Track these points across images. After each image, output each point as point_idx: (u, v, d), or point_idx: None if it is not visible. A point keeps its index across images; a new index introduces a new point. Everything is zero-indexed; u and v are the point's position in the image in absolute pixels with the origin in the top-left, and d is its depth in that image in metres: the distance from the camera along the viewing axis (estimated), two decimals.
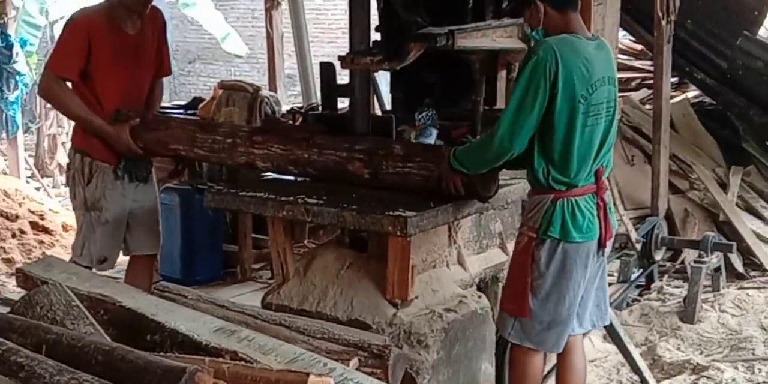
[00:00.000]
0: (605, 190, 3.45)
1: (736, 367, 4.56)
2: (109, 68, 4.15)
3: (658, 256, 6.01)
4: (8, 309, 3.12)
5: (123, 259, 4.62)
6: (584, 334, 3.84)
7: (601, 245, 3.43)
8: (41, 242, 7.02)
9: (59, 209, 7.85)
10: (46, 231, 7.19)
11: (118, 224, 4.37)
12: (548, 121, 3.25)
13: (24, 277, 3.59)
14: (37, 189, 9.41)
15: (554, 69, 3.18)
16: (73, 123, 4.80)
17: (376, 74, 4.63)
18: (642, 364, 4.49)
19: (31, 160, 10.92)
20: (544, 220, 3.35)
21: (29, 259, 6.52)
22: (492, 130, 3.31)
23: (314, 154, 3.84)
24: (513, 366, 3.63)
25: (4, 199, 7.34)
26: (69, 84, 4.24)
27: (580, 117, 3.26)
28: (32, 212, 7.38)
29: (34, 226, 7.17)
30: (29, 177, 10.04)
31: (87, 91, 4.19)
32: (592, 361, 4.61)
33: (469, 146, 3.48)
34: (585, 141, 3.30)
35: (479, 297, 3.78)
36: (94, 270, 4.18)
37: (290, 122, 4.17)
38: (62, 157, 11.58)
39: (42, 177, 10.65)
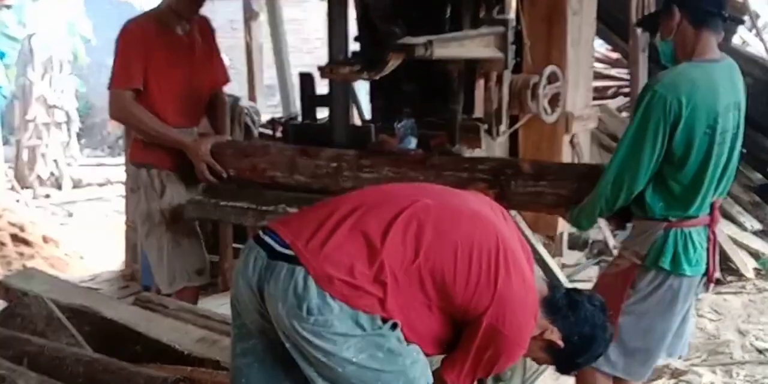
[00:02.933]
0: (718, 222, 3.15)
1: (714, 372, 4.60)
2: (164, 70, 4.00)
3: None
4: None
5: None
6: None
7: (708, 280, 3.16)
8: (21, 254, 7.00)
9: (39, 221, 7.82)
10: (26, 243, 7.17)
11: (199, 232, 4.21)
12: (670, 157, 2.96)
13: (4, 289, 3.58)
14: (17, 201, 9.38)
15: (675, 106, 2.88)
16: (52, 136, 4.71)
17: (355, 84, 4.66)
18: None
19: (11, 173, 10.88)
20: (653, 248, 3.07)
21: (9, 271, 6.49)
22: (602, 177, 3.06)
23: (431, 176, 3.58)
24: None
25: None
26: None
27: (713, 148, 2.97)
28: (12, 224, 7.36)
29: (14, 238, 7.15)
30: (9, 189, 10.01)
31: (146, 98, 4.00)
32: None
33: (583, 203, 3.19)
34: (711, 172, 3.01)
35: None
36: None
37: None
38: (41, 169, 11.56)
39: (22, 189, 10.61)
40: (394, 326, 2.21)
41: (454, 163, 3.61)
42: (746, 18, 7.43)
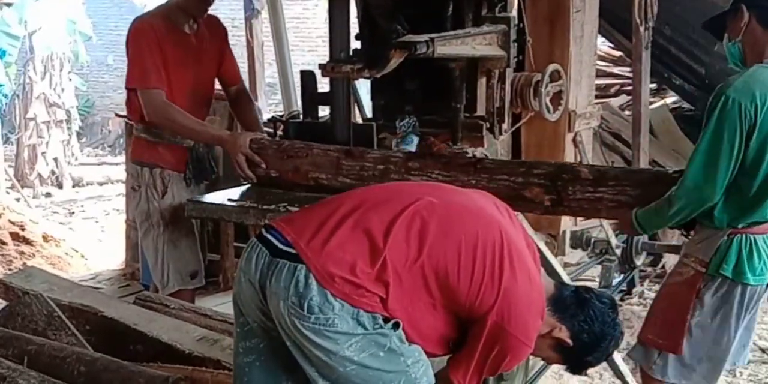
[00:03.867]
0: None
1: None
2: (173, 69, 3.97)
3: (639, 261, 6.03)
4: None
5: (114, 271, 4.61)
6: None
7: None
8: (22, 253, 6.99)
9: (39, 220, 7.82)
10: (27, 242, 7.17)
11: (197, 235, 4.19)
12: (744, 163, 2.87)
13: (5, 288, 3.57)
14: (17, 200, 9.38)
15: (750, 111, 2.81)
16: (53, 134, 4.69)
17: (356, 82, 4.64)
18: (624, 368, 4.50)
19: (11, 171, 10.88)
20: (718, 254, 2.99)
21: (10, 270, 6.49)
22: (677, 186, 2.96)
23: (483, 180, 3.47)
24: None
25: None
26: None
27: None
28: (12, 223, 7.35)
29: (14, 236, 7.15)
30: (9, 188, 10.01)
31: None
32: None
33: (651, 208, 3.07)
34: None
35: None
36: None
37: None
38: (42, 168, 11.56)
39: (22, 187, 10.61)
40: (395, 325, 2.20)
41: (507, 168, 3.49)
42: None
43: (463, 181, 3.47)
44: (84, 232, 8.96)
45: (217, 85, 4.34)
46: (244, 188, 3.94)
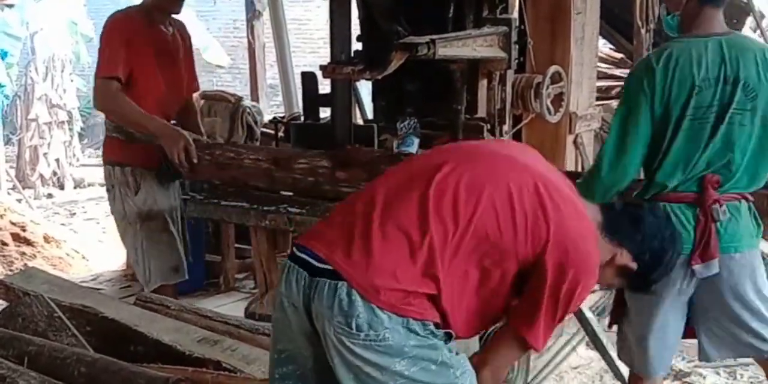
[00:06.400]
0: (715, 202, 2.98)
1: (717, 373, 4.58)
2: (150, 67, 4.03)
3: None
4: None
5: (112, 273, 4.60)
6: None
7: (692, 261, 2.99)
8: (23, 254, 6.99)
9: (41, 221, 7.82)
10: (28, 242, 7.16)
11: (176, 230, 4.20)
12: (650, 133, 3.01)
13: (5, 289, 3.58)
14: (19, 200, 9.38)
15: (650, 83, 2.94)
16: (54, 135, 4.71)
17: (357, 83, 4.64)
18: (625, 370, 4.50)
19: (13, 172, 10.89)
20: None
21: (11, 270, 6.49)
22: (595, 161, 3.09)
23: None
24: None
25: None
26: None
27: (684, 122, 2.95)
28: (14, 224, 7.35)
29: (15, 237, 7.14)
30: (10, 188, 10.01)
31: (128, 92, 4.00)
32: (575, 368, 4.62)
33: (580, 183, 3.03)
34: (684, 147, 2.97)
35: None
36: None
37: (358, 147, 3.91)
38: (43, 169, 11.56)
39: (23, 188, 10.61)
40: (446, 336, 2.15)
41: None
42: (750, 18, 7.41)
43: None
44: (85, 233, 8.95)
45: (220, 87, 4.36)
46: None
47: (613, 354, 4.46)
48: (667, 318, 3.11)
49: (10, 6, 10.00)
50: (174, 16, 4.21)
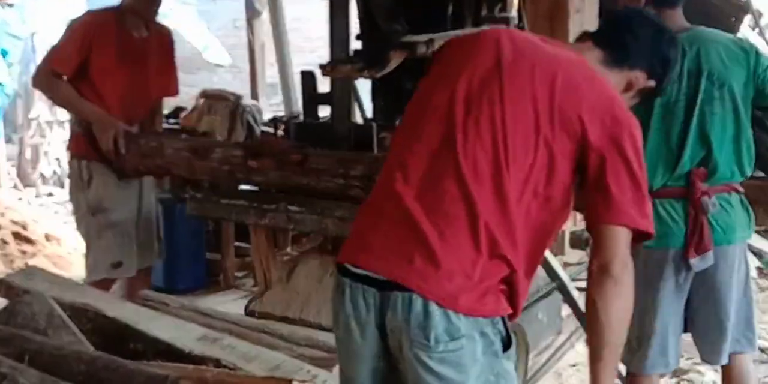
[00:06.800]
0: (704, 195, 3.02)
1: (716, 370, 4.58)
2: (111, 69, 4.10)
3: None
4: None
5: None
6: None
7: (686, 255, 3.03)
8: (24, 252, 6.99)
9: (42, 219, 7.81)
10: (29, 241, 7.16)
11: (128, 225, 4.26)
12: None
13: (6, 287, 3.58)
14: (20, 199, 9.38)
15: None
16: (55, 134, 4.76)
17: (356, 82, 4.65)
18: (622, 368, 4.51)
19: (13, 171, 10.89)
20: None
21: (12, 269, 6.48)
22: None
23: (312, 181, 3.72)
24: None
25: None
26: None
27: (651, 119, 3.00)
28: (15, 222, 7.34)
29: (16, 236, 7.14)
30: (11, 187, 10.01)
31: (88, 91, 4.11)
32: (573, 365, 4.63)
33: None
34: (658, 143, 3.02)
35: None
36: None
37: (269, 137, 4.01)
38: (44, 168, 11.56)
39: (24, 187, 10.61)
40: (507, 338, 2.04)
41: (329, 167, 3.70)
42: (749, 16, 7.42)
43: (295, 182, 3.76)
44: None
45: (220, 86, 4.40)
46: None
47: None
48: (667, 316, 3.13)
49: (10, 5, 10.00)
50: (163, 23, 4.35)
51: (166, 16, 10.83)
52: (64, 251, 7.49)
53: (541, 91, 2.02)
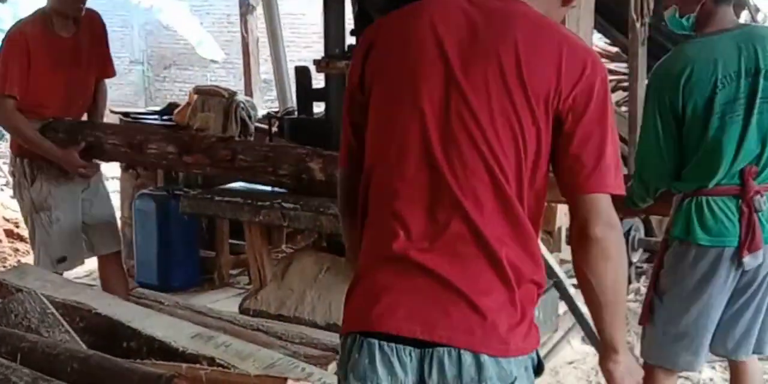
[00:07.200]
0: (756, 194, 3.02)
1: (713, 367, 4.58)
2: (48, 73, 4.23)
3: (635, 257, 6.04)
4: None
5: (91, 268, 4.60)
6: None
7: (740, 254, 3.01)
8: (16, 250, 6.96)
9: None
10: (21, 239, 7.13)
11: (72, 222, 4.41)
12: (686, 136, 3.03)
13: None
14: (11, 197, 9.33)
15: (669, 91, 2.98)
16: None
17: None
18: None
19: (6, 168, 10.83)
20: (673, 219, 3.09)
21: (4, 267, 6.46)
22: (635, 172, 3.15)
23: (248, 176, 3.94)
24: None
25: None
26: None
27: (712, 119, 2.98)
28: (7, 220, 7.32)
29: (8, 234, 7.12)
30: (3, 185, 9.97)
31: (28, 97, 4.23)
32: (570, 362, 4.62)
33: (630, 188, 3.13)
34: (713, 142, 2.99)
35: None
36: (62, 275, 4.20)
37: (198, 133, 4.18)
38: None
39: None
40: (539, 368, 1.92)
41: (256, 163, 3.88)
42: (745, 12, 7.41)
43: (230, 177, 4.03)
44: None
45: (214, 82, 4.40)
46: None
47: None
48: (713, 315, 3.12)
49: (3, 1, 9.96)
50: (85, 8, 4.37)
51: (160, 10, 10.86)
52: None
53: (509, 74, 1.81)
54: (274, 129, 5.56)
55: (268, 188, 4.00)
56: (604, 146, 1.84)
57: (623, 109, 7.73)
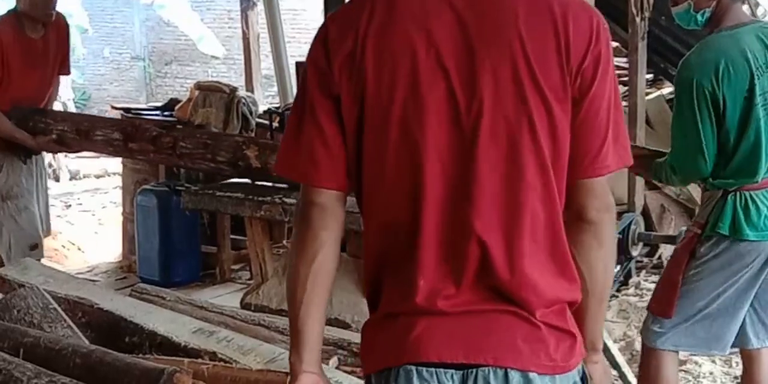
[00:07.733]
0: None
1: (713, 361, 4.59)
2: (22, 71, 4.48)
3: (636, 251, 6.04)
4: None
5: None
6: None
7: None
8: None
9: None
10: None
11: (35, 209, 4.61)
12: (726, 130, 3.02)
13: (1, 281, 3.57)
14: None
15: (707, 85, 2.96)
16: None
17: None
18: (620, 359, 4.50)
19: None
20: (712, 215, 3.05)
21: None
22: (669, 165, 3.14)
23: (187, 162, 4.18)
24: (644, 371, 3.34)
25: None
26: None
27: (753, 111, 2.98)
28: None
29: None
30: None
31: (2, 93, 4.48)
32: None
33: (657, 165, 3.21)
34: (754, 134, 3.00)
35: None
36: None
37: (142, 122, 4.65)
38: None
39: None
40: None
41: (196, 152, 4.12)
42: (745, 6, 7.41)
43: (174, 163, 4.33)
44: (81, 225, 8.93)
45: (215, 78, 4.47)
46: None
47: (609, 343, 4.47)
48: (742, 302, 3.14)
49: None
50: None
51: (161, 6, 10.85)
52: (59, 245, 7.48)
53: (524, 75, 1.64)
54: (275, 124, 5.57)
55: (270, 184, 4.01)
56: (607, 128, 1.72)
57: (623, 103, 7.73)
